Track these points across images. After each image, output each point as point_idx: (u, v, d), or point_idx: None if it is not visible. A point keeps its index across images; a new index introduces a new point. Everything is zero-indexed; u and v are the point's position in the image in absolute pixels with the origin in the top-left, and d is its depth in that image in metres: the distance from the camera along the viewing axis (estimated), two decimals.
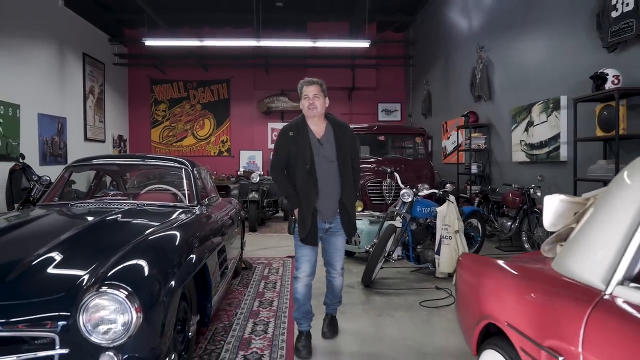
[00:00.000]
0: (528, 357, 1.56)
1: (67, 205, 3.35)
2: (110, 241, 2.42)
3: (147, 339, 1.89)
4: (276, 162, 3.03)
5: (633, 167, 1.40)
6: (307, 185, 2.89)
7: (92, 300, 1.77)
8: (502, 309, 1.77)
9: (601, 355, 1.22)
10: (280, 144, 3.01)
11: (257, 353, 2.88)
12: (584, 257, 1.42)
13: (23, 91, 8.17)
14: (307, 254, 2.99)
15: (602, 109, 4.62)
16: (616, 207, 1.34)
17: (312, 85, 2.98)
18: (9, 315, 1.78)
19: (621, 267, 1.26)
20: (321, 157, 2.93)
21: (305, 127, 2.98)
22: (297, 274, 3.02)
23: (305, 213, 2.90)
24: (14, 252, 2.23)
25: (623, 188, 1.36)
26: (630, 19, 4.38)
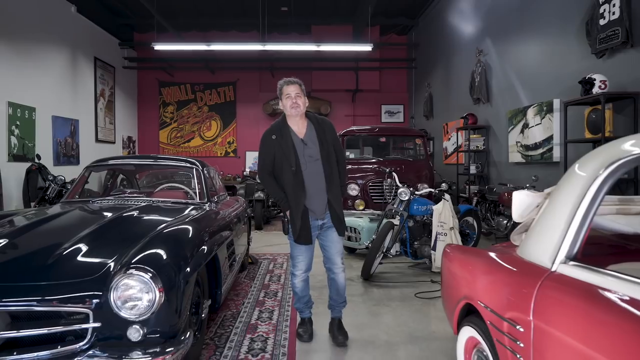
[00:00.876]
0: (494, 329, 1.83)
1: (88, 202, 3.65)
2: (131, 233, 2.71)
3: (168, 316, 2.17)
4: (263, 167, 3.06)
5: (580, 162, 1.66)
6: (295, 186, 2.92)
7: (122, 280, 2.06)
8: (476, 290, 2.04)
9: (546, 321, 1.49)
10: (265, 148, 3.04)
11: (263, 336, 3.16)
12: (537, 242, 1.69)
13: (38, 94, 8.51)
14: (302, 253, 3.06)
15: (590, 112, 4.86)
16: (561, 197, 1.61)
17: (293, 85, 2.99)
18: (51, 293, 2.07)
19: (563, 248, 1.53)
20: (306, 156, 2.97)
21: (287, 128, 3.01)
22: (294, 272, 3.12)
23: (295, 214, 2.94)
24: (49, 241, 2.52)
25: (569, 180, 1.62)
26: (616, 26, 4.62)
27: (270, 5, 10.59)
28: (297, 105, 2.96)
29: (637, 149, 1.42)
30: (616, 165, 1.46)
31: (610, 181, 1.47)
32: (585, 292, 1.37)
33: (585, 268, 1.44)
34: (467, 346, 2.20)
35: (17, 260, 2.34)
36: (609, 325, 1.25)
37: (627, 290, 1.28)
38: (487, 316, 1.90)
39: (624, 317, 1.22)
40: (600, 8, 4.86)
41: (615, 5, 4.64)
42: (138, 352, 2.06)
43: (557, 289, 1.47)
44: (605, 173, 1.47)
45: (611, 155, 1.49)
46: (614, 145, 1.58)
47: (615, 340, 1.22)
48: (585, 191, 1.50)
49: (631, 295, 1.26)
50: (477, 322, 2.03)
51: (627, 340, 1.19)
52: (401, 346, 3.04)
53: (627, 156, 1.43)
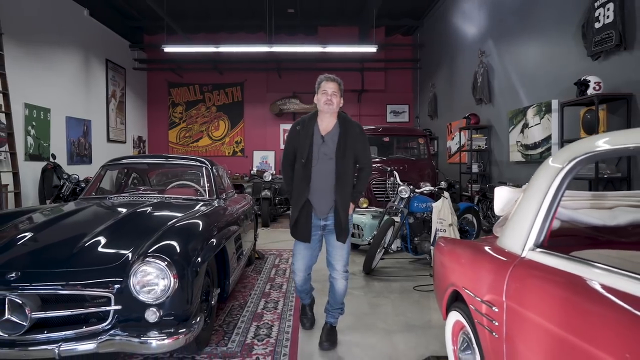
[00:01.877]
0: (475, 311, 2.02)
1: (105, 199, 3.89)
2: (146, 226, 2.93)
3: (181, 300, 2.39)
4: (285, 157, 3.07)
5: (551, 158, 1.85)
6: (301, 179, 2.91)
7: (141, 267, 2.29)
8: (460, 277, 2.24)
9: (515, 301, 1.68)
10: (289, 139, 3.04)
11: (268, 324, 3.37)
12: (511, 232, 1.88)
13: (53, 96, 8.81)
14: (301, 251, 3.02)
15: (585, 113, 5.02)
16: (532, 190, 1.80)
17: (332, 82, 2.97)
18: (77, 278, 2.30)
19: (531, 237, 1.72)
20: (321, 153, 2.92)
21: (312, 122, 2.98)
22: (294, 269, 3.14)
23: (294, 207, 2.92)
24: (73, 233, 2.76)
25: (538, 175, 1.81)
26: (611, 30, 4.78)
27: (277, 7, 10.82)
28: (330, 103, 2.92)
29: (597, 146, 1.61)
30: (577, 161, 1.65)
31: (571, 175, 1.66)
32: (547, 275, 1.57)
33: (550, 254, 1.63)
34: (454, 330, 2.40)
35: (45, 249, 2.58)
36: (566, 301, 1.44)
37: (582, 272, 1.47)
38: (469, 300, 2.10)
39: (577, 295, 1.42)
40: (596, 12, 5.02)
41: (610, 9, 4.79)
42: (155, 332, 2.28)
43: (524, 273, 1.67)
44: (567, 167, 1.66)
45: (574, 152, 1.68)
46: (580, 143, 1.77)
47: (569, 314, 1.41)
48: (550, 184, 1.69)
49: (586, 276, 1.45)
50: (462, 307, 2.23)
51: (578, 314, 1.38)
52: (398, 333, 3.24)
53: (587, 152, 1.62)
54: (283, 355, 2.84)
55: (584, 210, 2.15)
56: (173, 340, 2.29)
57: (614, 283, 1.33)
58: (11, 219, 3.09)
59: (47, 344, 2.20)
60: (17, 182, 6.83)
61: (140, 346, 2.25)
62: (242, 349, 2.91)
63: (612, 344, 1.22)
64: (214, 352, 2.85)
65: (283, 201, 9.73)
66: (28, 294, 2.23)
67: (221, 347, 2.93)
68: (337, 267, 3.02)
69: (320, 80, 3.02)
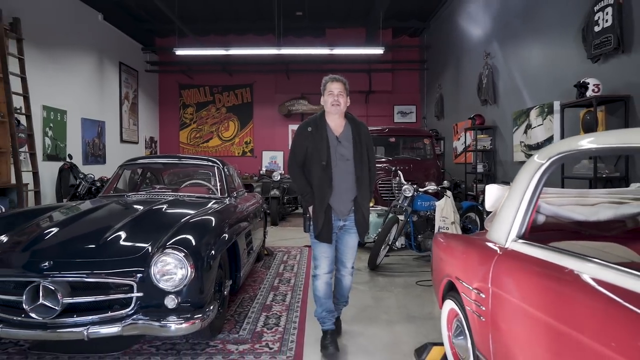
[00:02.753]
0: (466, 298, 2.21)
1: (123, 196, 4.12)
2: (163, 221, 3.15)
3: (197, 289, 2.60)
4: (293, 158, 3.01)
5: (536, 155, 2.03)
6: (322, 181, 2.86)
7: (161, 257, 2.51)
8: (454, 268, 2.42)
9: (499, 286, 1.87)
10: (298, 139, 2.99)
11: (277, 314, 3.58)
12: (497, 225, 2.06)
13: (69, 98, 9.11)
14: (325, 251, 2.97)
15: (585, 114, 5.15)
16: (515, 186, 1.98)
17: (337, 83, 2.97)
18: (103, 268, 2.53)
19: (513, 229, 1.91)
20: (338, 154, 2.92)
21: (323, 123, 2.96)
22: (316, 272, 3.01)
23: (318, 210, 2.88)
24: (97, 227, 2.99)
25: (522, 172, 1.99)
26: (609, 33, 4.91)
27: (285, 10, 11.03)
28: (337, 104, 2.93)
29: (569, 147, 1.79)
30: (553, 159, 1.83)
31: (549, 172, 1.84)
32: (526, 263, 1.75)
33: (530, 245, 1.82)
34: (449, 317, 2.58)
35: (74, 241, 2.81)
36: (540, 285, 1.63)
37: (556, 260, 1.65)
38: (461, 289, 2.28)
39: (551, 280, 1.60)
40: (595, 16, 5.15)
41: (608, 13, 4.92)
42: (173, 317, 2.50)
43: (507, 262, 1.85)
44: (545, 165, 1.84)
45: (551, 151, 1.86)
46: (557, 144, 1.95)
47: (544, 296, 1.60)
48: (530, 180, 1.87)
49: (559, 263, 1.64)
50: (455, 296, 2.41)
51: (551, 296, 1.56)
52: (399, 324, 3.43)
53: (560, 152, 1.80)
54: (291, 342, 3.04)
55: (569, 207, 2.32)
56: (190, 325, 2.50)
57: (583, 269, 1.51)
58: (39, 215, 3.32)
59: (76, 326, 2.43)
60: (37, 181, 7.12)
61: (160, 329, 2.46)
62: (253, 336, 3.12)
63: (580, 321, 1.40)
64: (226, 339, 3.07)
65: (291, 200, 9.94)
66: (60, 281, 2.46)
67: (233, 334, 3.14)
68: (348, 265, 3.10)
69: (325, 81, 3.03)
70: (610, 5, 4.89)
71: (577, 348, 1.36)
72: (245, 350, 2.90)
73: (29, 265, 2.54)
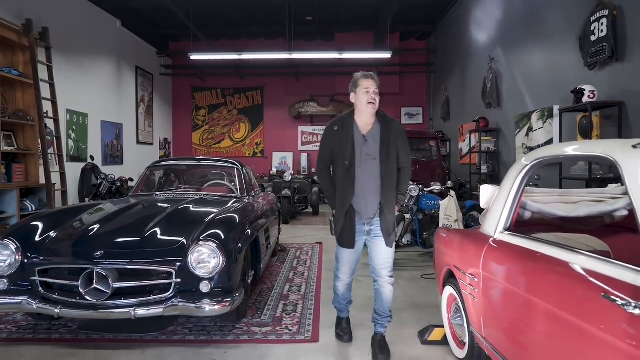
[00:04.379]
0: (462, 283, 2.55)
1: (152, 195, 4.50)
2: (194, 217, 3.53)
3: (227, 276, 2.97)
4: (321, 159, 2.91)
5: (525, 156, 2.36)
6: (344, 182, 2.75)
7: (197, 248, 2.88)
8: (452, 258, 2.77)
9: (488, 271, 2.21)
10: (325, 139, 2.90)
11: (294, 302, 3.94)
12: (488, 219, 2.41)
13: (90, 102, 9.55)
14: (346, 257, 2.89)
15: (582, 119, 5.46)
16: (503, 185, 2.33)
17: (370, 80, 2.83)
18: (147, 257, 2.92)
19: (501, 222, 2.25)
20: (364, 154, 2.78)
21: (351, 121, 2.85)
22: (338, 275, 2.99)
23: (338, 212, 2.78)
24: (138, 222, 3.38)
25: (509, 173, 2.33)
26: (604, 43, 5.21)
27: (296, 15, 11.39)
28: (374, 102, 2.79)
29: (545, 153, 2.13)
30: (537, 161, 2.17)
31: (530, 173, 2.19)
32: (509, 250, 2.09)
33: (514, 235, 2.16)
34: (449, 302, 2.93)
35: (120, 234, 3.20)
36: (519, 268, 1.97)
37: (533, 247, 2.00)
38: (458, 275, 2.63)
39: (527, 262, 1.94)
40: (591, 26, 5.45)
41: (604, 24, 5.23)
42: (207, 300, 2.87)
43: (494, 250, 2.20)
44: (528, 167, 2.19)
45: (535, 155, 2.20)
46: (542, 149, 2.29)
47: (522, 276, 1.94)
48: (515, 180, 2.22)
49: (539, 250, 1.98)
50: (454, 282, 2.76)
51: (528, 276, 1.91)
52: (405, 311, 3.77)
53: (538, 158, 2.15)
54: (308, 325, 3.40)
55: (553, 204, 2.66)
56: (221, 307, 2.87)
57: (553, 253, 1.85)
58: (80, 213, 3.68)
59: (124, 307, 2.80)
60: (64, 181, 7.55)
61: (196, 310, 2.84)
62: (273, 320, 3.49)
63: (546, 293, 1.75)
64: (250, 322, 3.44)
65: (302, 200, 10.32)
66: (110, 268, 2.84)
67: (256, 319, 3.51)
68: (383, 273, 2.87)
69: (357, 78, 2.87)
70: (605, 16, 5.19)
71: (545, 314, 1.71)
72: (267, 331, 3.27)
73: (83, 255, 2.92)
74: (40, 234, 3.16)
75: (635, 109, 4.86)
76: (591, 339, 1.47)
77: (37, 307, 2.83)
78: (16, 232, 3.10)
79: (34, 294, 2.91)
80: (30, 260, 2.95)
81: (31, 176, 7.04)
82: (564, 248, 1.82)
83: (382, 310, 2.95)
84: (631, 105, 4.93)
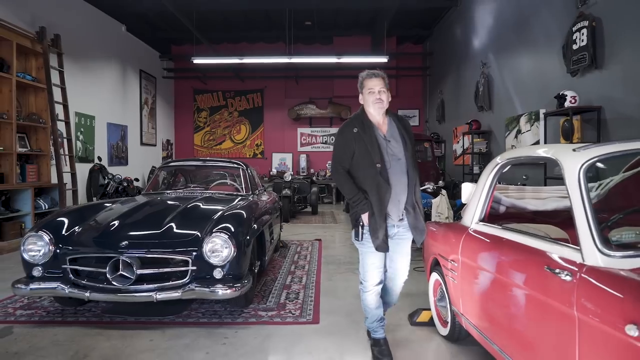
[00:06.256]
0: (445, 269, 2.92)
1: (164, 193, 4.86)
2: (206, 212, 3.89)
3: (238, 264, 3.33)
4: (340, 162, 2.76)
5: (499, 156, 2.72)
6: (379, 185, 2.61)
7: (211, 238, 3.23)
8: (437, 247, 3.13)
9: (466, 256, 2.58)
10: (344, 141, 2.74)
11: (296, 291, 4.30)
12: (467, 212, 2.77)
13: (97, 104, 9.90)
14: (376, 262, 2.76)
15: (564, 122, 5.84)
16: (480, 182, 2.69)
17: (376, 78, 2.76)
18: (167, 247, 3.28)
19: (476, 214, 2.61)
20: (389, 155, 2.68)
21: (369, 122, 2.75)
22: (366, 285, 2.81)
23: (378, 217, 2.61)
24: (156, 216, 3.73)
25: (484, 171, 2.70)
26: (585, 52, 5.59)
27: (295, 20, 11.76)
28: (380, 101, 2.73)
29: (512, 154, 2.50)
30: (506, 161, 2.54)
31: (502, 171, 2.55)
32: (481, 237, 2.46)
33: (486, 225, 2.53)
34: (435, 286, 3.29)
35: (141, 227, 3.56)
36: (489, 251, 2.34)
37: (501, 234, 2.36)
38: (442, 262, 2.99)
39: (496, 247, 2.31)
40: (573, 35, 5.83)
41: (584, 34, 5.60)
42: (220, 285, 3.22)
43: (470, 238, 2.57)
44: (499, 165, 2.55)
45: (503, 157, 2.57)
46: (512, 150, 2.65)
47: (491, 259, 2.31)
48: (488, 176, 2.58)
49: (505, 237, 2.34)
50: (438, 269, 3.12)
51: (496, 258, 2.27)
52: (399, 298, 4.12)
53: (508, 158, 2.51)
54: (309, 310, 3.76)
55: (526, 200, 3.03)
56: (232, 291, 3.22)
57: (516, 239, 2.22)
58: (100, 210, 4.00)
59: (146, 292, 3.16)
60: (75, 181, 7.90)
61: (210, 294, 3.19)
62: (278, 306, 3.85)
63: (511, 272, 2.11)
64: (257, 308, 3.79)
65: (301, 199, 10.68)
66: (134, 256, 3.19)
67: (262, 305, 3.87)
68: (402, 277, 2.89)
69: (362, 78, 2.82)
70: (585, 27, 5.57)
71: (507, 288, 2.07)
72: (273, 315, 3.63)
73: (109, 245, 3.27)
74: (67, 228, 3.51)
75: (612, 113, 5.24)
76: (541, 305, 1.83)
77: (69, 292, 3.18)
78: (47, 225, 3.45)
79: (65, 280, 3.26)
80: (62, 250, 3.31)
81: (43, 176, 7.39)
82: (526, 235, 2.18)
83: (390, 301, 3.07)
84: (609, 110, 5.31)
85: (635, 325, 1.30)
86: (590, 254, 1.66)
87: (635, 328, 1.30)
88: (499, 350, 2.18)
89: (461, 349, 3.00)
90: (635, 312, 1.33)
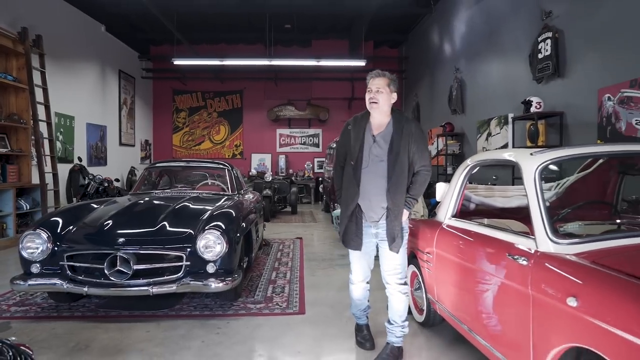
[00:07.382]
0: (421, 261, 3.21)
1: (152, 193, 5.01)
2: (196, 211, 4.08)
3: (229, 259, 3.55)
4: (337, 159, 2.87)
5: (469, 158, 3.03)
6: (349, 182, 2.70)
7: (205, 235, 3.44)
8: (417, 242, 3.42)
9: (440, 248, 2.87)
10: (341, 138, 2.84)
11: (281, 286, 4.54)
12: (441, 208, 3.07)
13: (76, 105, 9.88)
14: (356, 260, 2.84)
15: (530, 126, 6.25)
16: (452, 181, 2.99)
17: (378, 78, 2.78)
18: (162, 243, 3.47)
19: (449, 210, 2.91)
20: (372, 155, 2.68)
21: (365, 121, 2.78)
22: (351, 279, 2.95)
23: (343, 212, 2.71)
24: (149, 215, 3.90)
25: (457, 172, 3.00)
26: (548, 61, 6.01)
27: (275, 23, 11.97)
28: (375, 101, 2.72)
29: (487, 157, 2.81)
30: (476, 163, 2.84)
31: (472, 172, 2.86)
32: (453, 230, 2.76)
33: (457, 220, 2.83)
34: (412, 278, 3.59)
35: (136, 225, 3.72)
36: (458, 242, 2.64)
37: (469, 227, 2.66)
38: (419, 255, 3.29)
39: (464, 239, 2.61)
40: (539, 45, 6.25)
41: (548, 44, 6.03)
42: (212, 279, 3.43)
43: (444, 231, 2.86)
44: (469, 167, 2.86)
45: (473, 159, 2.88)
46: (481, 154, 2.97)
47: (460, 249, 2.61)
48: (460, 176, 2.89)
49: (473, 230, 2.64)
50: (415, 262, 3.42)
51: (464, 248, 2.57)
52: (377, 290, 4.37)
53: (477, 160, 2.82)
54: (295, 302, 4.01)
55: (493, 198, 3.36)
56: (224, 285, 3.44)
57: (482, 232, 2.52)
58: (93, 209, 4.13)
59: (142, 286, 3.34)
60: (56, 181, 7.91)
61: (203, 287, 3.40)
62: (265, 299, 4.08)
63: (478, 260, 2.41)
64: (245, 301, 4.02)
65: (281, 199, 10.91)
66: (131, 252, 3.37)
67: (250, 298, 4.10)
68: (390, 280, 2.78)
69: (368, 78, 2.86)
70: (549, 38, 6.00)
71: (475, 274, 2.37)
72: (261, 307, 3.86)
73: (107, 242, 3.44)
74: (63, 226, 3.66)
75: (572, 118, 5.68)
76: (503, 287, 2.13)
77: (67, 287, 3.34)
78: (44, 223, 3.59)
79: (63, 277, 3.41)
80: (59, 247, 3.46)
81: (24, 177, 7.40)
82: (492, 228, 2.49)
83: (393, 318, 2.82)
84: (570, 115, 5.74)
85: (574, 297, 1.60)
86: (542, 242, 1.96)
87: (575, 300, 1.60)
88: (468, 330, 2.48)
89: (434, 332, 3.30)
90: (574, 287, 1.63)
